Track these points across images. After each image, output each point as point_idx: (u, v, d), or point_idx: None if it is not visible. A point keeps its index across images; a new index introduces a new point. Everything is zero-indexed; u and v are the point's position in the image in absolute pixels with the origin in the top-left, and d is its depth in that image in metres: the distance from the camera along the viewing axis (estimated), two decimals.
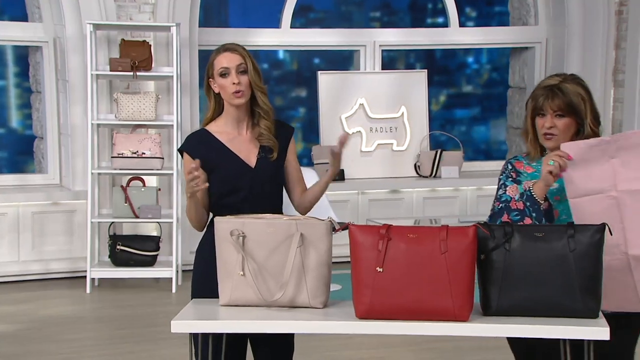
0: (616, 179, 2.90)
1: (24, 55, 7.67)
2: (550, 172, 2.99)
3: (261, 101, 3.31)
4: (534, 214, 3.08)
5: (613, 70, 8.11)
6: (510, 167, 3.22)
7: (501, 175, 3.23)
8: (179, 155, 3.51)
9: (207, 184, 3.17)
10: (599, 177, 2.92)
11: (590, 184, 2.93)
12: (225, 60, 3.28)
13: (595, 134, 3.10)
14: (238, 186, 3.29)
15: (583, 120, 3.09)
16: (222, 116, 3.35)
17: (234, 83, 3.25)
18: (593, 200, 2.91)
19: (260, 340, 3.32)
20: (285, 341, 3.34)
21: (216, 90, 3.31)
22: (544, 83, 3.17)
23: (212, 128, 3.35)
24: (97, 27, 6.83)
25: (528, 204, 3.08)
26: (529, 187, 3.08)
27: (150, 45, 6.94)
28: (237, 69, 3.27)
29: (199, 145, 3.33)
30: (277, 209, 3.34)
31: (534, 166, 3.18)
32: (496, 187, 3.25)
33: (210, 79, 3.32)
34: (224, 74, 3.27)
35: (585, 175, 2.92)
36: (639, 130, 3.05)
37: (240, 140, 3.33)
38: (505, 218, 3.11)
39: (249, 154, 3.32)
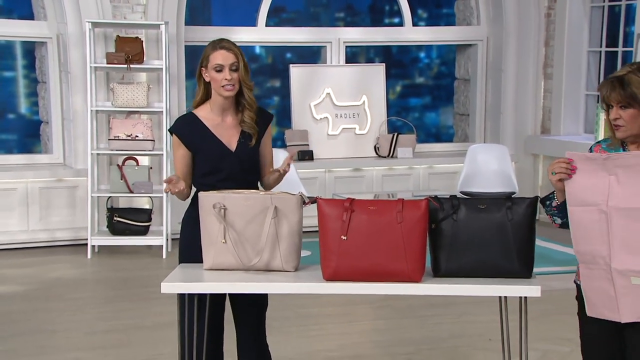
0: (609, 195, 2.71)
1: (30, 50, 7.61)
2: (559, 180, 2.79)
3: (247, 95, 3.26)
4: (556, 213, 2.89)
5: (543, 65, 8.14)
6: (590, 152, 2.91)
7: None
8: (169, 135, 3.48)
9: (182, 187, 3.16)
10: (595, 190, 2.74)
11: (587, 195, 2.75)
12: (221, 58, 3.21)
13: None
14: (219, 167, 3.25)
15: None
16: (208, 102, 3.30)
17: (226, 79, 3.20)
18: (586, 211, 2.75)
19: (238, 299, 3.30)
20: (259, 298, 3.32)
21: (207, 79, 3.25)
22: (612, 75, 2.80)
23: (199, 113, 3.30)
24: (95, 25, 6.79)
25: (548, 201, 2.90)
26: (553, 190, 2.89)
27: (142, 41, 6.90)
28: (230, 67, 3.21)
29: (187, 128, 3.29)
30: (254, 188, 3.30)
31: (611, 151, 2.85)
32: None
33: (203, 68, 3.25)
34: (218, 70, 3.21)
35: (584, 187, 2.75)
36: (637, 152, 2.82)
37: (223, 126, 3.28)
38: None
39: (231, 139, 3.28)
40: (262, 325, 3.37)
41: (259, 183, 3.37)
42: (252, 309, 3.31)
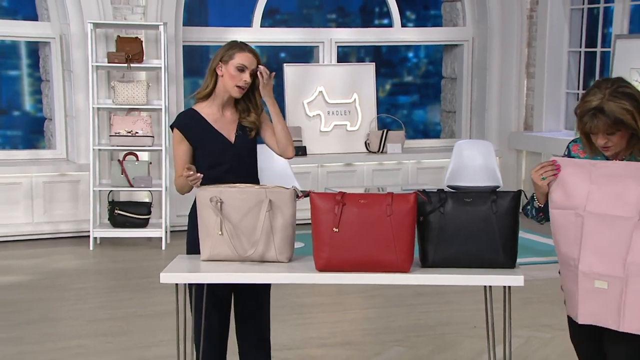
0: (587, 200, 2.70)
1: (35, 50, 7.57)
2: (546, 183, 2.77)
3: (258, 101, 3.23)
4: (533, 212, 2.90)
5: (526, 64, 8.14)
6: (567, 151, 2.91)
7: (563, 155, 2.92)
8: (170, 131, 3.43)
9: (201, 178, 3.07)
10: (576, 195, 2.72)
11: (568, 199, 2.74)
12: (247, 60, 3.17)
13: None
14: (221, 160, 3.21)
15: (636, 129, 2.66)
16: (210, 98, 3.25)
17: (245, 80, 3.16)
18: (565, 214, 2.75)
19: (241, 294, 3.25)
20: (263, 290, 3.28)
21: (220, 74, 3.19)
22: (588, 103, 2.67)
23: (199, 108, 3.26)
24: (96, 25, 6.76)
25: (529, 207, 2.92)
26: (533, 193, 2.86)
27: (142, 41, 6.87)
28: (251, 70, 3.19)
29: (188, 122, 3.24)
30: (255, 178, 3.29)
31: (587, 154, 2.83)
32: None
33: (221, 63, 3.18)
34: (241, 69, 3.16)
35: (567, 191, 2.74)
36: (621, 162, 2.75)
37: (223, 121, 3.25)
38: None
39: (230, 133, 3.25)
40: (265, 320, 3.32)
41: (257, 175, 3.32)
42: (254, 302, 3.27)
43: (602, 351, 2.82)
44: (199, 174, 3.07)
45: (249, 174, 3.24)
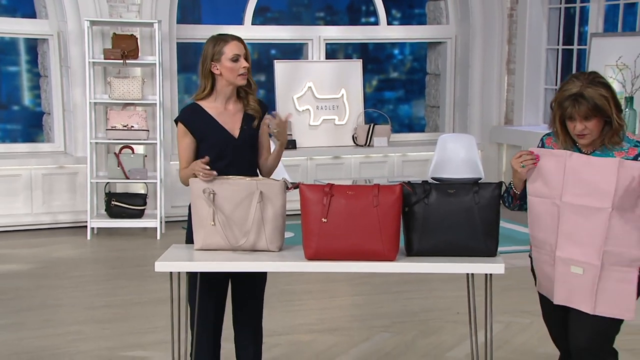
0: (563, 191, 2.73)
1: (33, 46, 7.52)
2: (525, 171, 2.80)
3: (251, 81, 3.20)
4: (510, 200, 2.92)
5: (506, 61, 8.15)
6: (541, 143, 2.94)
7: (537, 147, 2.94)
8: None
9: (213, 175, 3.02)
10: (553, 185, 2.76)
11: (545, 188, 2.77)
12: (237, 48, 3.14)
13: (621, 125, 2.74)
14: (223, 153, 3.14)
15: (610, 117, 2.72)
16: (215, 94, 3.19)
17: (243, 67, 3.13)
18: (542, 202, 2.78)
19: (237, 281, 3.22)
20: (259, 277, 3.25)
21: (217, 73, 3.14)
22: (568, 91, 2.73)
23: (203, 103, 3.20)
24: (93, 23, 6.71)
25: (505, 195, 2.94)
26: (511, 181, 2.91)
27: (137, 38, 6.82)
28: (245, 56, 3.15)
29: (192, 117, 3.18)
30: (253, 173, 3.24)
31: (560, 146, 2.85)
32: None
33: (214, 63, 3.13)
34: (235, 59, 3.13)
35: (544, 180, 2.78)
36: (600, 158, 2.76)
37: (226, 114, 3.19)
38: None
39: (234, 126, 3.19)
40: (259, 307, 3.29)
41: (257, 170, 3.28)
42: (250, 291, 3.25)
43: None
44: (214, 172, 3.00)
45: (249, 167, 3.20)
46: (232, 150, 3.16)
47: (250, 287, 3.24)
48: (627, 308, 2.71)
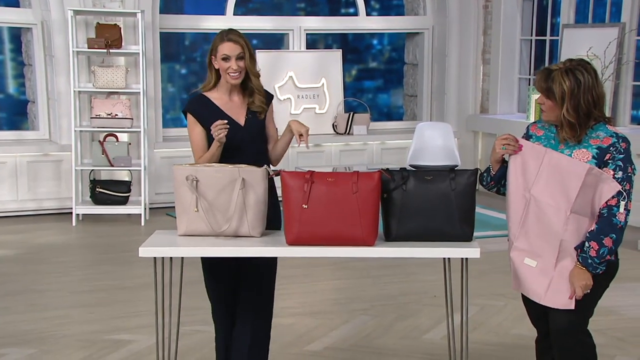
0: (534, 184, 2.76)
1: (17, 35, 7.42)
2: (502, 153, 2.84)
3: (255, 83, 3.20)
4: (488, 179, 2.97)
5: (482, 51, 8.16)
6: (526, 131, 2.93)
7: (523, 135, 2.94)
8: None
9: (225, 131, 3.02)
10: (527, 176, 2.78)
11: (520, 179, 2.80)
12: (227, 49, 3.13)
13: (571, 123, 2.69)
14: (231, 142, 3.10)
15: (557, 103, 2.70)
16: (218, 86, 3.19)
17: (232, 68, 3.11)
18: (515, 191, 2.81)
19: (244, 265, 3.15)
20: (267, 264, 3.19)
21: (216, 66, 3.16)
22: (548, 66, 2.76)
23: (209, 94, 3.19)
24: (76, 12, 6.63)
25: (485, 174, 2.98)
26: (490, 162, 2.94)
27: (120, 28, 6.75)
28: (237, 57, 3.13)
29: (200, 107, 3.17)
30: (264, 158, 3.20)
31: (545, 130, 2.86)
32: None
33: (212, 56, 3.16)
34: (224, 59, 3.13)
35: (521, 171, 2.80)
36: (570, 158, 2.75)
37: (232, 105, 3.19)
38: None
39: (239, 116, 3.18)
40: (261, 303, 3.21)
41: (268, 154, 3.25)
42: (255, 274, 3.17)
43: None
44: (227, 125, 3.00)
45: (258, 154, 3.17)
46: (239, 137, 3.14)
47: (254, 281, 3.16)
48: (572, 300, 2.75)
